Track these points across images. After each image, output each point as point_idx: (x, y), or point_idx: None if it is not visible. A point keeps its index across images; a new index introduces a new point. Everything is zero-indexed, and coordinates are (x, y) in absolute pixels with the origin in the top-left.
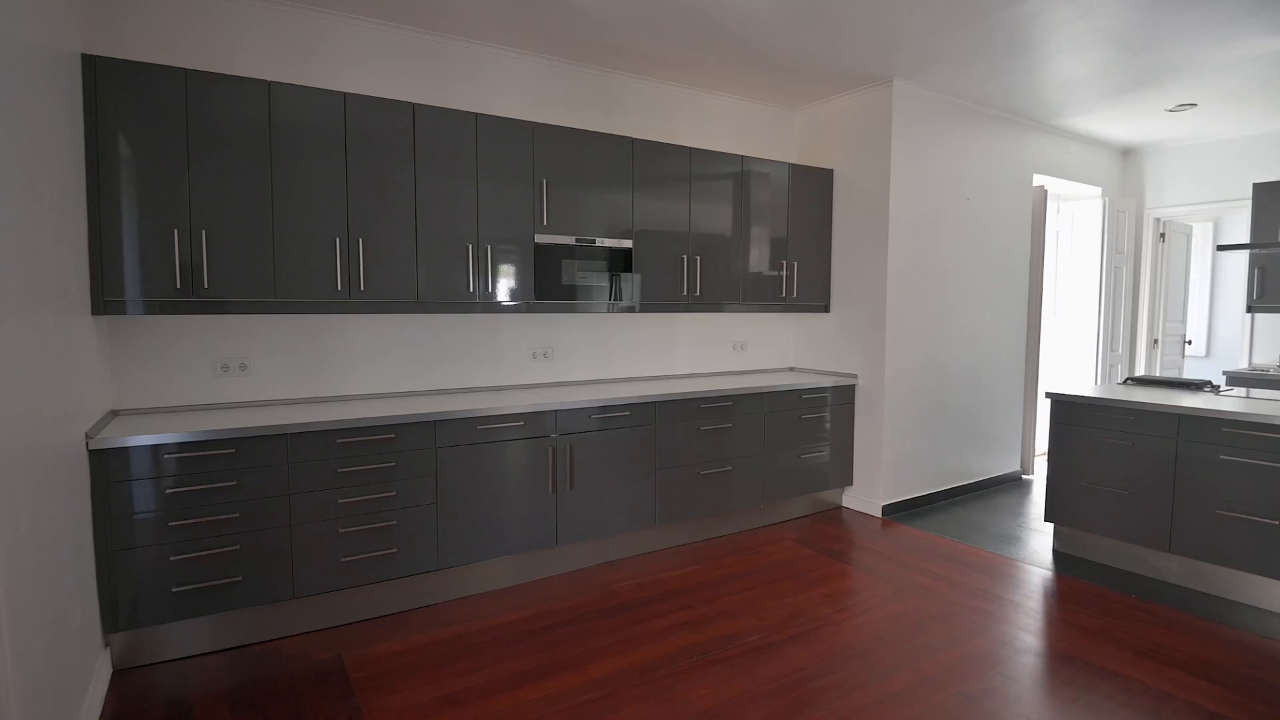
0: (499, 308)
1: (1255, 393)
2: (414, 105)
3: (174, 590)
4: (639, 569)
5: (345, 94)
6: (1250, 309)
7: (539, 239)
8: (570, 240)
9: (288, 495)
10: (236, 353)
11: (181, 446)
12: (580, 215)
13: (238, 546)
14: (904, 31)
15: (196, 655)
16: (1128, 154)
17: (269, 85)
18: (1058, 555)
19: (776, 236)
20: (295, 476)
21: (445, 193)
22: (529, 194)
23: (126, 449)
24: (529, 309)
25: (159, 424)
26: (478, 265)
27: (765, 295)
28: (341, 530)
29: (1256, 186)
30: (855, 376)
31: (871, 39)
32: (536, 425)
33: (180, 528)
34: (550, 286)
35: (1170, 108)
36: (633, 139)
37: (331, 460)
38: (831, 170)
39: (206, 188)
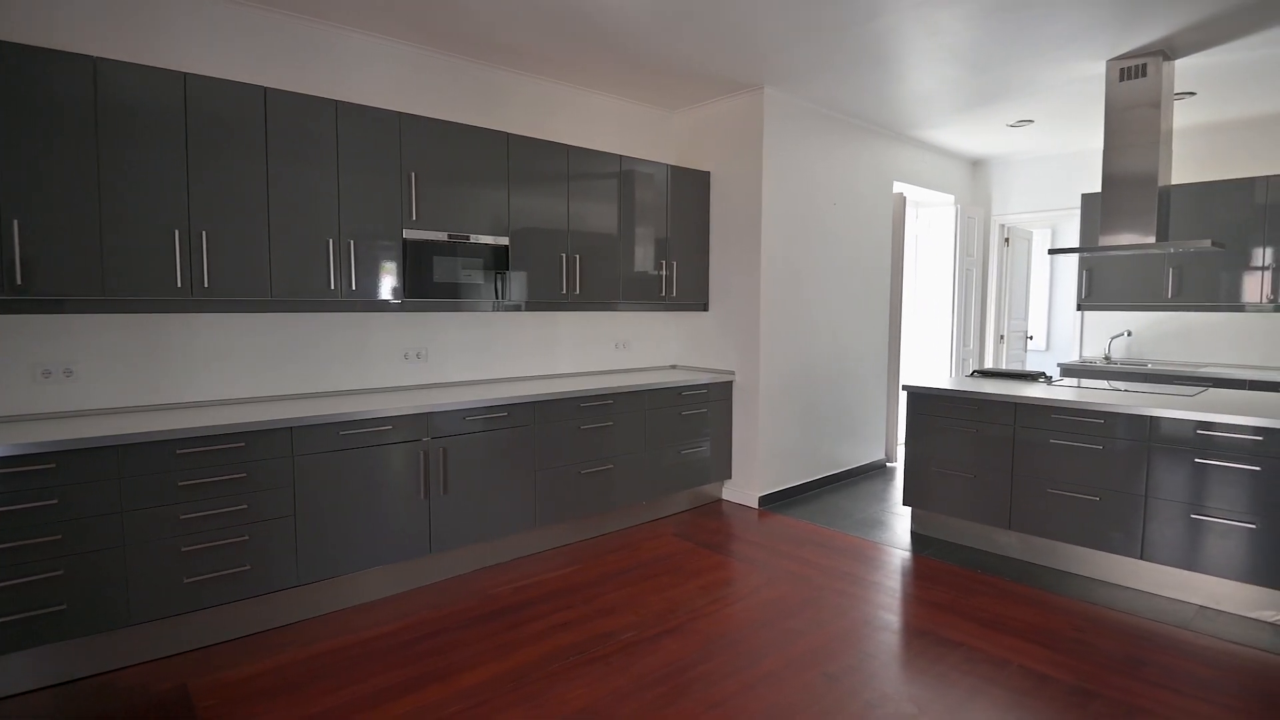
0: (365, 306)
1: (1085, 382)
2: (266, 89)
3: None
4: (518, 572)
5: (185, 74)
6: (1080, 307)
7: (408, 234)
8: (442, 236)
9: (119, 513)
10: (59, 357)
11: None
12: (453, 211)
13: (60, 571)
14: (768, 41)
15: (17, 694)
16: (977, 164)
17: (94, 61)
18: (915, 536)
19: (657, 236)
20: (128, 492)
21: (302, 184)
22: (396, 187)
23: None
24: (400, 308)
25: None
26: (340, 261)
27: (646, 294)
28: (185, 549)
29: (1084, 197)
30: (733, 373)
31: (739, 46)
32: (406, 429)
33: None
34: (422, 284)
35: (1011, 123)
36: (508, 134)
37: (171, 473)
38: (709, 172)
39: (18, 173)
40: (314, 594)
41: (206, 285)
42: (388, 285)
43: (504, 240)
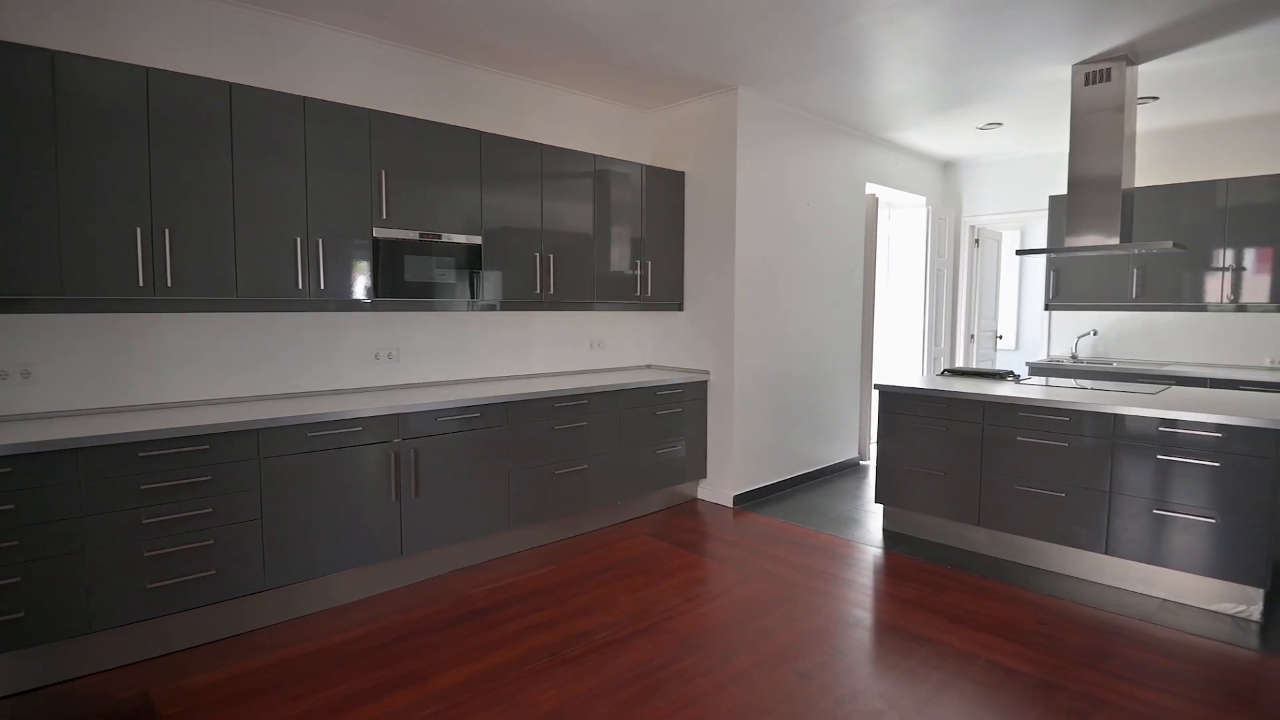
0: (335, 306)
1: (1052, 381)
2: (231, 85)
3: None
4: (492, 573)
5: (148, 69)
6: (1048, 307)
7: (378, 233)
8: (414, 235)
9: (80, 518)
10: (17, 358)
11: None
12: (424, 209)
13: (18, 578)
14: (741, 42)
15: None
16: (947, 166)
17: (53, 55)
18: (887, 534)
19: (632, 236)
20: (88, 496)
21: (269, 181)
22: (366, 185)
23: None
24: (371, 307)
25: None
26: (308, 260)
27: (621, 294)
28: (148, 553)
29: (1052, 198)
30: (708, 373)
31: (713, 48)
32: (377, 430)
33: None
34: (394, 284)
35: (980, 125)
36: (480, 132)
37: (133, 476)
38: (683, 173)
39: None
40: (282, 598)
41: (170, 284)
42: (358, 284)
43: (477, 239)
